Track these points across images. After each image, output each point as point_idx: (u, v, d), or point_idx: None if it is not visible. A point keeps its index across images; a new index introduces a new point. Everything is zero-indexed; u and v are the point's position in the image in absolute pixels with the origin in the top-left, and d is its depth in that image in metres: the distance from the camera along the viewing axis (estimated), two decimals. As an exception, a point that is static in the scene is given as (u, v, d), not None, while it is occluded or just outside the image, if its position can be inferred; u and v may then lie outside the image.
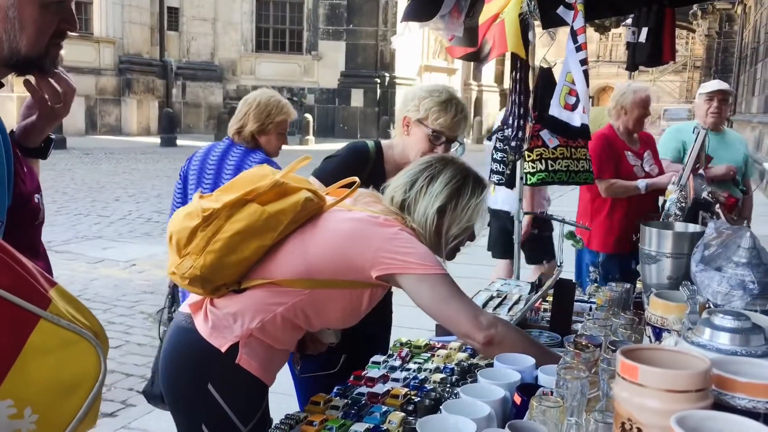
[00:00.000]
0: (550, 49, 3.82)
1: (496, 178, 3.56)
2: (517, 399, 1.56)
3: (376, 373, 2.07)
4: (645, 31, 3.82)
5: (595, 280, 4.05)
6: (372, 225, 1.83)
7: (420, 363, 2.20)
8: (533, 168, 3.41)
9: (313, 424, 1.73)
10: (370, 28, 26.38)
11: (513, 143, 3.31)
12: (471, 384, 1.70)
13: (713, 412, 0.99)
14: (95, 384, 0.92)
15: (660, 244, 2.33)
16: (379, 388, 1.96)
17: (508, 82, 3.65)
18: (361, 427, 1.69)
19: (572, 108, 3.33)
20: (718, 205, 3.24)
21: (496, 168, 3.55)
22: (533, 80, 3.45)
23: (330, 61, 26.73)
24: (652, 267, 2.34)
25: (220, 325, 1.81)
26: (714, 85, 4.33)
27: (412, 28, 3.73)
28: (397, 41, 21.07)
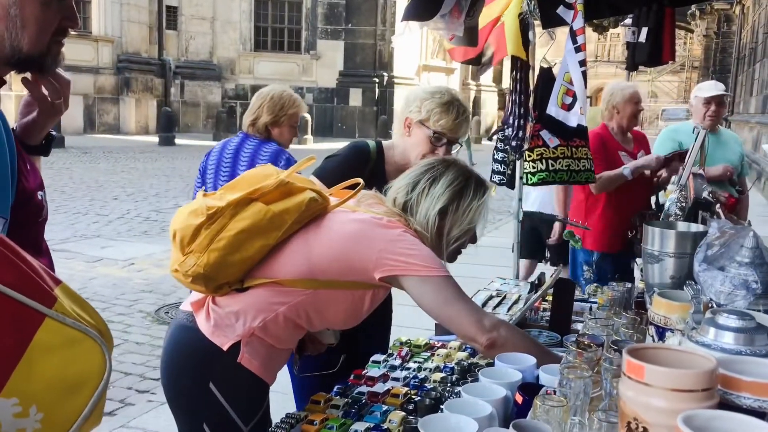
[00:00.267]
0: (549, 48, 3.81)
1: (497, 178, 3.56)
2: (519, 398, 1.56)
3: (376, 373, 2.08)
4: (645, 30, 3.83)
5: (590, 279, 4.06)
6: (376, 226, 1.83)
7: (420, 362, 2.21)
8: (534, 168, 3.41)
9: (313, 423, 1.73)
10: (369, 28, 26.38)
11: (513, 143, 3.31)
12: (472, 383, 1.70)
13: (720, 411, 0.99)
14: (100, 382, 0.92)
15: (663, 243, 2.33)
16: (379, 388, 1.96)
17: (506, 81, 3.65)
18: (361, 426, 1.70)
19: (568, 108, 3.34)
20: (718, 205, 3.24)
21: (498, 168, 3.55)
22: (533, 80, 3.45)
23: (328, 60, 26.72)
24: (655, 266, 2.34)
25: (222, 324, 1.81)
26: (711, 90, 4.34)
27: (412, 27, 3.72)
28: (398, 41, 21.02)
